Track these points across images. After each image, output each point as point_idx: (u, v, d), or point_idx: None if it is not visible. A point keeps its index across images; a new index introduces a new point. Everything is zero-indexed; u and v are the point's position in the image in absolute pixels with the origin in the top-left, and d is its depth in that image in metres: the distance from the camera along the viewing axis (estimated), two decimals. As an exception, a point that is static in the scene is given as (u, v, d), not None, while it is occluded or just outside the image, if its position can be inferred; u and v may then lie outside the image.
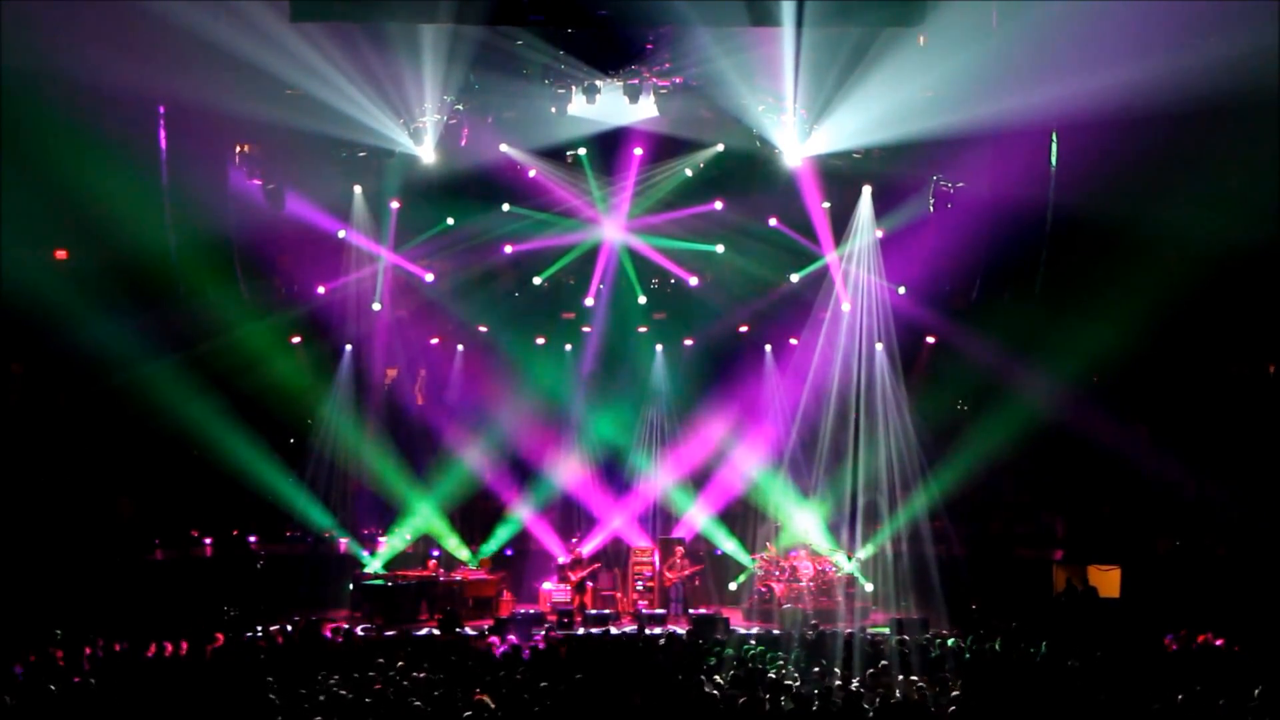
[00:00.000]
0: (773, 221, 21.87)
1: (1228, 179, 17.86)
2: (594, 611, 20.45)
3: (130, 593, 19.02)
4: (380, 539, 22.23)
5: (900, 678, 13.19)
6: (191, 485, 21.95)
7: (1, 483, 19.21)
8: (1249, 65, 16.14)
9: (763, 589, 20.94)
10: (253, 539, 22.07)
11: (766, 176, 21.02)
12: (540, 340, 23.44)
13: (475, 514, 23.10)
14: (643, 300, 22.70)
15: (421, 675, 12.73)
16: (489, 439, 22.64)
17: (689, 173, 21.47)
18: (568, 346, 23.62)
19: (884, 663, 13.92)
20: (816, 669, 13.89)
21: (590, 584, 21.15)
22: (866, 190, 21.49)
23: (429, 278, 22.33)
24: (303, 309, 22.21)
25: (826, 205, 21.50)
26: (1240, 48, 15.92)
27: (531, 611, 20.37)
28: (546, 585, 21.48)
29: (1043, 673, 13.49)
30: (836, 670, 13.66)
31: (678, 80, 19.30)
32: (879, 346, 22.26)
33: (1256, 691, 11.43)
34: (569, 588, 20.82)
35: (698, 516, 22.61)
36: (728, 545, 22.52)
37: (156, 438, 20.79)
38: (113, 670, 13.65)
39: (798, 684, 12.61)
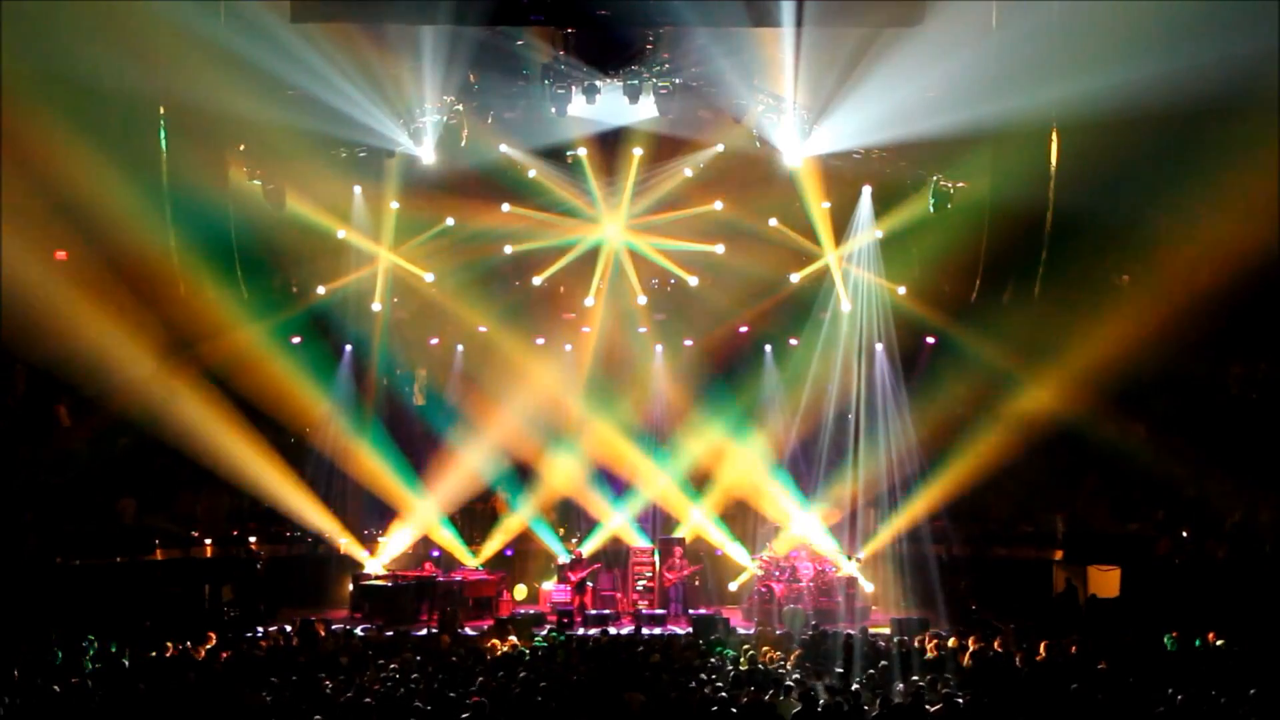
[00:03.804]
0: (773, 221, 21.88)
1: (1228, 179, 17.84)
2: (594, 611, 20.45)
3: (130, 593, 19.02)
4: (380, 539, 22.23)
5: (900, 678, 13.20)
6: (192, 485, 21.94)
7: (2, 483, 19.24)
8: (1249, 65, 16.14)
9: (763, 589, 20.93)
10: (253, 539, 22.06)
11: (766, 176, 21.01)
12: (540, 340, 23.44)
13: (475, 514, 23.12)
14: (643, 300, 22.70)
15: (416, 676, 12.71)
16: (489, 439, 22.65)
17: (689, 173, 21.46)
18: (568, 346, 23.63)
19: (884, 663, 13.92)
20: (816, 669, 13.89)
21: (590, 584, 21.15)
22: (866, 190, 21.49)
23: (429, 278, 22.34)
24: (303, 309, 22.20)
25: (826, 205, 21.50)
26: (1240, 48, 15.92)
27: (531, 611, 20.36)
28: (546, 585, 21.48)
29: (1042, 673, 13.48)
30: (837, 670, 13.65)
31: (678, 80, 19.27)
32: (879, 346, 22.27)
33: (1255, 692, 11.45)
34: (569, 588, 20.82)
35: (698, 517, 22.61)
36: (728, 545, 22.52)
37: (157, 438, 20.76)
38: (113, 670, 13.64)
39: (797, 684, 12.60)
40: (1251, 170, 17.51)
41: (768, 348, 23.60)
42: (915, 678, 12.90)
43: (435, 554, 22.04)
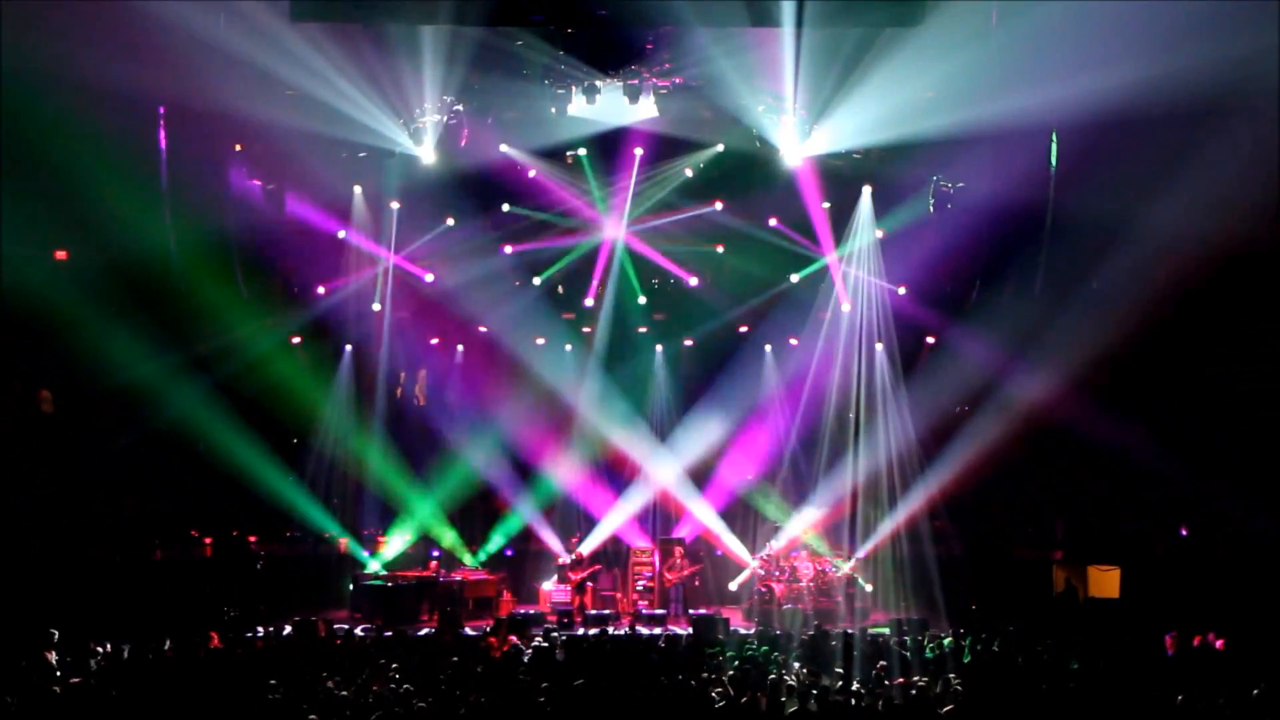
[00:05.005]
0: (773, 222, 21.89)
1: (1226, 179, 17.84)
2: (594, 612, 20.46)
3: (130, 593, 19.02)
4: (380, 539, 22.24)
5: (900, 678, 13.20)
6: (192, 486, 21.94)
7: (3, 483, 19.23)
8: (1249, 65, 16.13)
9: (763, 589, 20.94)
10: (253, 539, 22.06)
11: (766, 177, 21.01)
12: (540, 340, 23.45)
13: (475, 514, 23.11)
14: (643, 300, 22.69)
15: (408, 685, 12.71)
16: (489, 439, 22.65)
17: (689, 173, 21.46)
18: (568, 346, 23.64)
19: (884, 663, 13.92)
20: (816, 669, 13.88)
21: (590, 584, 21.15)
22: (866, 190, 21.51)
23: (429, 278, 22.34)
24: (303, 309, 22.21)
25: (826, 205, 21.51)
26: (1240, 48, 15.91)
27: (531, 612, 20.37)
28: (546, 585, 21.49)
29: (1043, 673, 13.48)
30: (837, 670, 13.65)
31: (678, 80, 19.29)
32: (879, 346, 22.29)
33: (1256, 692, 11.45)
34: (569, 588, 20.83)
35: (698, 517, 22.63)
36: (728, 545, 22.53)
37: (157, 438, 20.76)
38: (113, 671, 13.64)
39: (797, 684, 12.61)
40: (1251, 170, 17.50)
41: (768, 348, 23.60)
42: (915, 678, 12.90)
43: (435, 554, 22.04)
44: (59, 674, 12.99)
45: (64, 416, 21.08)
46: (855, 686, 12.49)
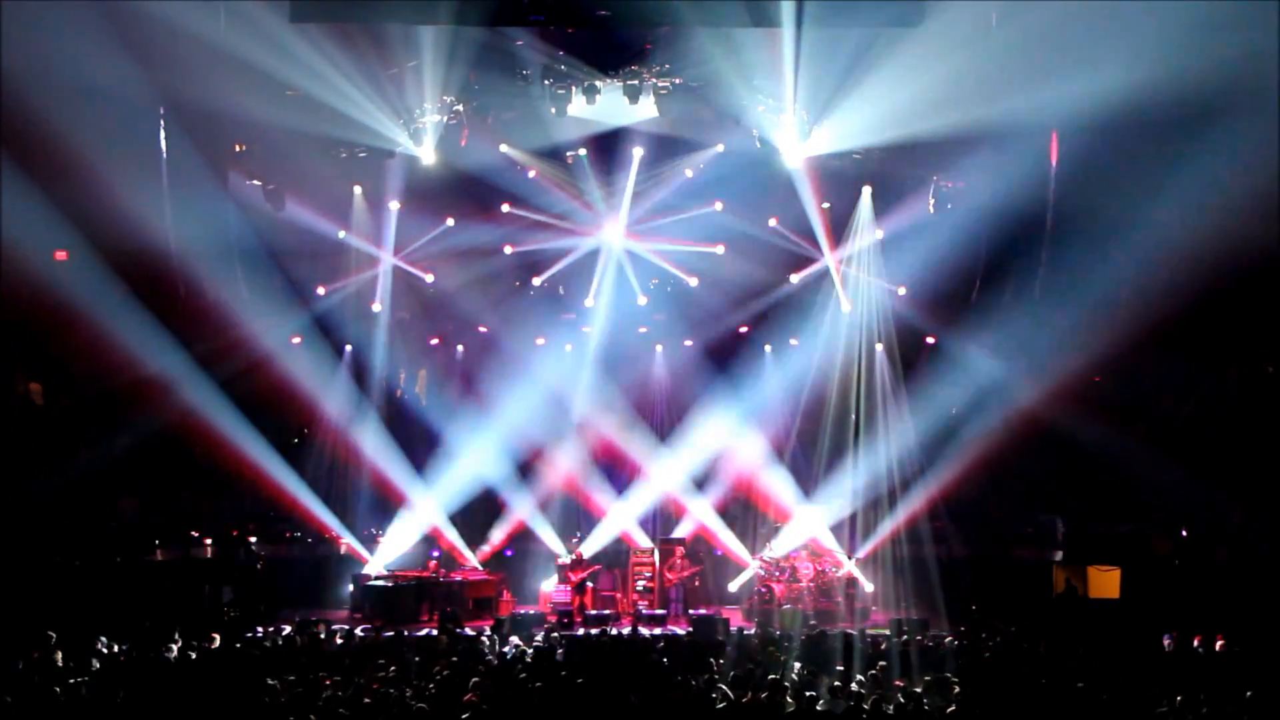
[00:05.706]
0: (773, 222, 21.89)
1: (1227, 180, 17.84)
2: (594, 612, 20.46)
3: (130, 593, 19.02)
4: (380, 539, 22.24)
5: (900, 678, 13.20)
6: (192, 485, 21.95)
7: (2, 482, 19.24)
8: (1249, 65, 16.13)
9: (763, 589, 20.94)
10: (253, 539, 22.06)
11: (766, 177, 21.00)
12: (540, 340, 23.45)
13: (475, 514, 23.12)
14: (643, 301, 22.70)
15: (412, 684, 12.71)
16: (489, 438, 22.66)
17: (689, 173, 21.46)
18: (568, 347, 23.64)
19: (884, 663, 13.92)
20: (816, 669, 13.88)
21: (590, 584, 21.15)
22: (866, 190, 21.52)
23: (429, 278, 22.35)
24: (303, 309, 22.21)
25: (826, 205, 21.51)
26: (1240, 48, 15.91)
27: (531, 612, 20.37)
28: (546, 585, 21.48)
29: (1043, 673, 13.47)
30: (837, 670, 13.65)
31: (677, 81, 19.27)
32: (879, 347, 22.29)
33: (1253, 692, 11.45)
34: (569, 588, 20.83)
35: (698, 517, 22.62)
36: (728, 545, 22.53)
37: (157, 438, 20.76)
38: (113, 671, 13.63)
39: (797, 684, 12.60)
40: (1250, 170, 17.49)
41: (768, 348, 23.61)
42: (915, 678, 12.90)
43: (436, 554, 22.05)
44: (59, 674, 12.96)
45: (63, 416, 21.09)
46: (855, 687, 12.48)
